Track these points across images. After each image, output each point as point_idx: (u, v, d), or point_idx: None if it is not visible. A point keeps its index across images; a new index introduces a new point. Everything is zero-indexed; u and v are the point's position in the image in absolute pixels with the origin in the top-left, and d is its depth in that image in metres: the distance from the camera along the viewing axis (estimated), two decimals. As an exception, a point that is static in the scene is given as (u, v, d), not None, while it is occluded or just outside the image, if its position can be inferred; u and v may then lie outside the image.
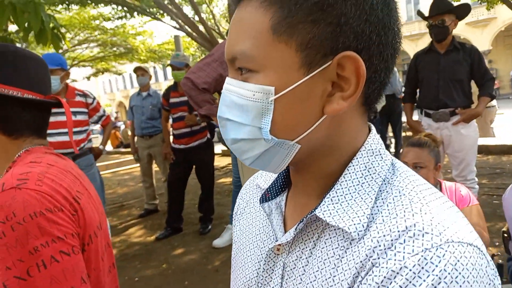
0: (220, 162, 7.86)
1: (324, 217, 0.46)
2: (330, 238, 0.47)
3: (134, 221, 4.73)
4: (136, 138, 4.85)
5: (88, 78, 13.81)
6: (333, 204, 0.47)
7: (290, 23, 0.43)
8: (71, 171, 0.88)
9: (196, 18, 8.02)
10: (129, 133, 6.40)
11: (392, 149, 6.31)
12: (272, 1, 0.43)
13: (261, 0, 0.44)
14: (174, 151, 4.01)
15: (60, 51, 4.00)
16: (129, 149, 6.30)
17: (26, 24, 3.12)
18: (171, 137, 4.20)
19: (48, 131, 0.98)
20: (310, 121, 0.45)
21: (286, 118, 0.45)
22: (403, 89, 3.76)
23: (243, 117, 0.46)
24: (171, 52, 11.41)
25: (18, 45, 3.71)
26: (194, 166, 4.04)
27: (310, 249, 0.49)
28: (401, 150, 5.03)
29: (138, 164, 5.01)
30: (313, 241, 0.49)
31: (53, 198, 0.75)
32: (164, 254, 3.54)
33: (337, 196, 0.47)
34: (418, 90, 3.25)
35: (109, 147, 12.26)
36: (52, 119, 0.98)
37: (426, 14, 2.98)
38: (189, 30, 7.07)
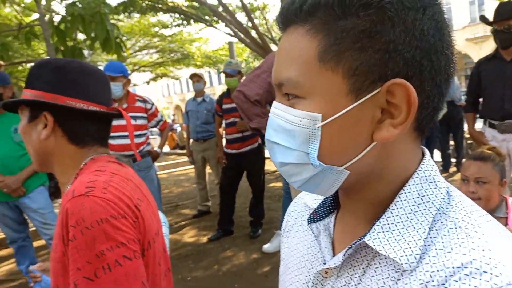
0: (271, 166, 7.89)
1: (374, 245, 0.45)
2: (381, 267, 0.46)
3: (188, 221, 4.90)
4: (191, 141, 5.04)
5: (148, 82, 14.55)
6: (383, 232, 0.46)
7: (337, 50, 0.43)
8: (132, 179, 0.93)
9: (249, 24, 8.14)
10: (185, 135, 6.66)
11: (453, 159, 5.96)
12: (318, 28, 0.43)
13: (308, 28, 0.44)
14: (226, 155, 4.10)
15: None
16: (184, 151, 6.59)
17: (93, 34, 3.37)
18: (224, 142, 4.31)
19: (111, 134, 1.04)
20: (359, 147, 0.45)
21: (334, 144, 0.45)
22: (463, 95, 3.55)
23: (290, 141, 0.46)
24: (225, 58, 11.70)
25: (85, 52, 4.00)
26: (245, 171, 4.11)
27: (359, 276, 0.48)
28: (462, 160, 4.75)
29: (193, 166, 5.19)
30: (363, 268, 0.48)
31: (117, 206, 0.80)
32: (215, 256, 3.63)
33: (388, 224, 0.46)
34: (481, 99, 3.05)
35: (166, 148, 12.82)
36: (114, 122, 1.04)
37: (490, 18, 2.79)
38: (242, 36, 7.20)
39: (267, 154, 4.99)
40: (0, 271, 3.78)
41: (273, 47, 8.58)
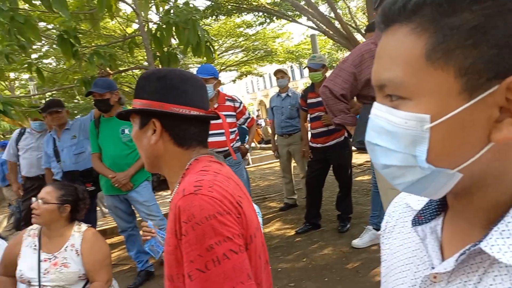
0: (358, 159, 7.68)
1: (493, 252, 0.43)
2: (501, 275, 0.44)
3: (275, 214, 5.03)
4: (276, 136, 5.15)
5: (234, 81, 15.12)
6: (503, 238, 0.43)
7: (446, 48, 0.41)
8: (232, 178, 1.00)
9: (332, 15, 7.97)
10: (269, 130, 6.80)
11: None
12: (424, 26, 0.42)
13: (412, 26, 0.43)
14: (312, 149, 4.11)
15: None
16: (269, 145, 6.77)
17: (185, 39, 3.62)
18: (309, 136, 4.32)
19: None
20: (474, 149, 0.42)
21: (446, 146, 0.43)
22: None
23: (394, 143, 0.45)
24: (307, 52, 11.62)
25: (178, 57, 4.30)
26: (331, 165, 4.08)
27: (474, 284, 0.46)
28: None
29: (278, 160, 5.31)
30: (478, 275, 0.46)
31: (222, 203, 0.86)
32: (304, 249, 3.68)
33: (508, 230, 0.43)
34: None
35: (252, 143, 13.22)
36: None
37: None
38: (325, 28, 7.09)
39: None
40: (112, 256, 4.29)
41: (358, 37, 8.29)
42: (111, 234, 5.02)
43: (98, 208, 4.99)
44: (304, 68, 4.39)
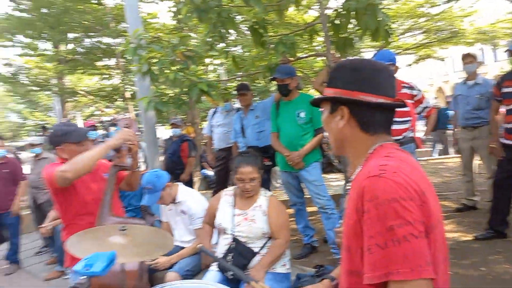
0: None
1: None
2: None
3: (449, 214, 4.58)
4: (459, 128, 4.63)
5: (410, 65, 14.03)
6: None
7: None
8: (418, 168, 1.02)
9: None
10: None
11: None
12: None
13: None
14: (504, 146, 3.56)
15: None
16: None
17: (364, 24, 3.58)
18: (502, 131, 3.74)
19: None
20: None
21: None
22: None
23: None
24: (506, 32, 9.83)
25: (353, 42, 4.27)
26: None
27: None
28: None
29: (450, 155, 4.77)
30: None
31: (406, 189, 0.90)
32: (482, 257, 3.28)
33: None
34: None
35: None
36: None
37: None
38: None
39: None
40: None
41: None
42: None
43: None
44: (506, 51, 3.78)
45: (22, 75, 12.21)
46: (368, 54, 11.27)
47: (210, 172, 7.42)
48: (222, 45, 4.03)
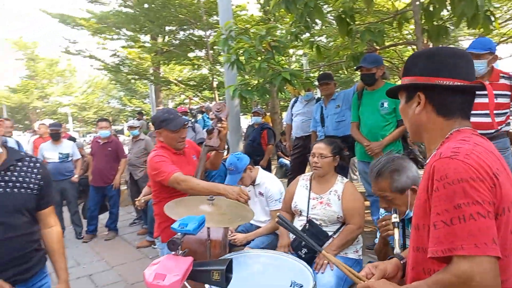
0: None
1: None
2: None
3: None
4: None
5: (514, 55, 12.50)
6: None
7: None
8: (493, 152, 1.03)
9: None
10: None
11: None
12: None
13: None
14: None
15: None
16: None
17: (460, 11, 3.36)
18: None
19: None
20: None
21: None
22: None
23: None
24: None
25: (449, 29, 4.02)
26: None
27: None
28: None
29: None
30: None
31: (476, 170, 0.92)
32: None
33: None
34: None
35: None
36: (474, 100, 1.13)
37: None
38: None
39: None
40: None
41: None
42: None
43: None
44: None
45: (124, 65, 13.55)
46: (466, 43, 10.32)
47: (286, 161, 7.59)
48: (307, 35, 4.10)
